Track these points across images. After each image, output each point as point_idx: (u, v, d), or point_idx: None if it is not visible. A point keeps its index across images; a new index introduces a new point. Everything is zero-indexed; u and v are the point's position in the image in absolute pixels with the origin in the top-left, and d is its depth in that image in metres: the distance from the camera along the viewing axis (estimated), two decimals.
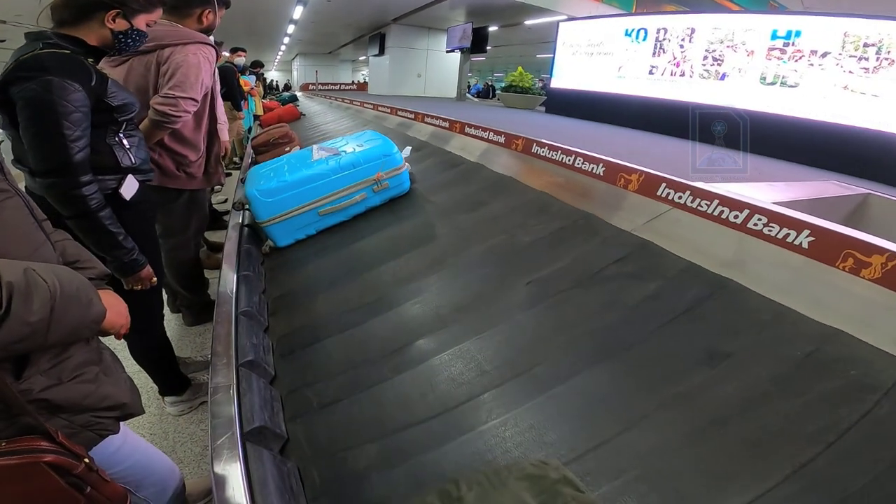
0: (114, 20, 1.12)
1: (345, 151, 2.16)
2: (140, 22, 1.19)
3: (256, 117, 6.30)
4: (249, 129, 5.82)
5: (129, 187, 1.28)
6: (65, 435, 0.68)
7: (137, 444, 0.96)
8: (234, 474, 0.83)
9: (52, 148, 1.04)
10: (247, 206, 2.03)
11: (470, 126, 2.98)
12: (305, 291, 1.70)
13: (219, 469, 0.84)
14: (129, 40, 1.19)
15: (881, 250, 1.01)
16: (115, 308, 0.82)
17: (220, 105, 2.16)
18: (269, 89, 16.04)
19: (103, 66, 1.26)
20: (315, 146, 2.36)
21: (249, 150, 3.94)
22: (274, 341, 1.43)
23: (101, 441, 0.79)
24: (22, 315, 0.56)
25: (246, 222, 2.20)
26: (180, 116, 1.60)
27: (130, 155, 1.27)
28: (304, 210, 2.01)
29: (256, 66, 7.36)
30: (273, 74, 25.61)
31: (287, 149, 3.38)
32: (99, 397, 0.76)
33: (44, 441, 0.64)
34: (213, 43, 1.74)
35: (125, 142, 1.26)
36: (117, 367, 0.86)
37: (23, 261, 0.61)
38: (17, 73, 1.00)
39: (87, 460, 0.69)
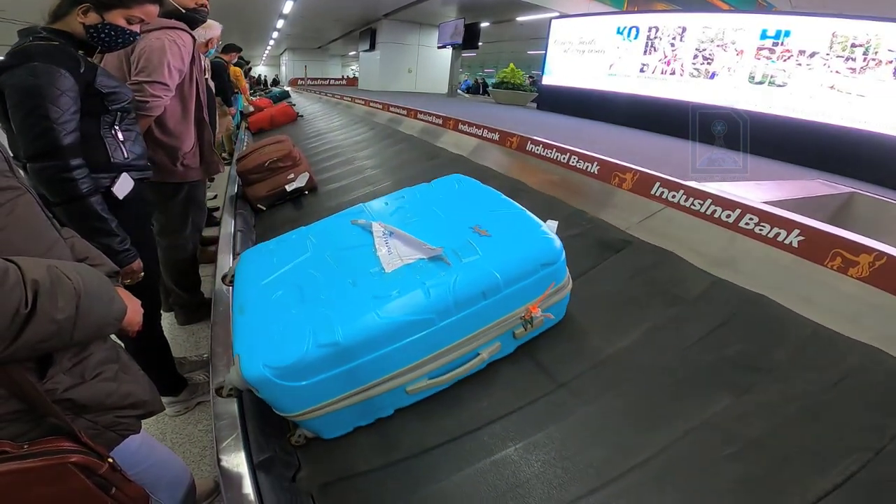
0: (85, 14, 1.11)
1: (454, 254, 1.00)
2: (116, 17, 1.14)
3: (243, 115, 6.06)
4: (238, 126, 5.73)
5: (123, 186, 1.26)
6: (88, 435, 0.68)
7: (154, 445, 0.96)
8: (241, 474, 0.84)
9: (40, 131, 1.04)
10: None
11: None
12: None
13: (226, 468, 0.85)
14: (103, 35, 1.14)
15: (868, 250, 1.05)
16: (132, 305, 0.81)
17: (202, 92, 2.12)
18: (257, 84, 15.66)
19: None
20: (378, 226, 1.14)
21: (237, 182, 2.67)
22: None
23: (123, 441, 0.79)
24: (49, 312, 0.56)
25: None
26: (148, 101, 1.57)
27: (124, 149, 1.25)
28: (375, 392, 0.94)
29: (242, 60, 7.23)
30: (261, 69, 25.28)
31: (291, 176, 2.45)
32: (121, 395, 0.76)
33: (67, 441, 0.64)
34: (183, 27, 1.69)
35: (120, 135, 1.25)
36: (133, 365, 0.86)
37: (43, 258, 0.61)
38: (3, 64, 1.01)
39: (110, 460, 0.69)
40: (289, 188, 2.42)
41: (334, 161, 3.33)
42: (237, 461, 0.88)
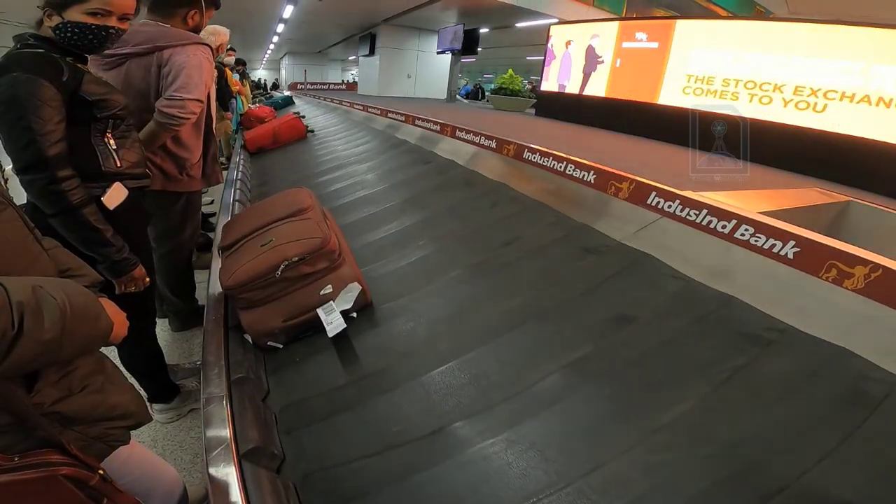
0: (49, 18, 1.07)
1: None
2: (74, 14, 1.06)
3: (241, 120, 5.94)
4: (236, 130, 5.71)
5: (115, 195, 1.22)
6: (77, 447, 0.68)
7: (144, 455, 0.95)
8: (229, 482, 0.84)
9: (24, 143, 1.02)
10: None
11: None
12: None
13: (214, 476, 0.84)
14: (68, 35, 1.07)
15: (864, 261, 1.05)
16: (118, 318, 0.80)
17: (213, 105, 2.14)
18: (257, 88, 15.29)
19: (96, 70, 1.22)
20: None
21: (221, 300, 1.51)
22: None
23: (113, 452, 0.79)
24: (35, 334, 0.56)
25: None
26: (187, 118, 1.58)
27: (116, 157, 1.21)
28: None
29: (239, 64, 7.20)
30: (261, 73, 25.35)
31: (327, 290, 1.32)
32: (108, 407, 0.76)
33: (57, 454, 0.64)
34: (209, 43, 1.72)
35: (113, 143, 1.21)
36: (119, 375, 0.86)
37: (25, 276, 0.60)
38: None
39: (101, 472, 0.69)
40: (326, 319, 1.27)
41: (382, 232, 1.93)
42: (226, 470, 0.88)
